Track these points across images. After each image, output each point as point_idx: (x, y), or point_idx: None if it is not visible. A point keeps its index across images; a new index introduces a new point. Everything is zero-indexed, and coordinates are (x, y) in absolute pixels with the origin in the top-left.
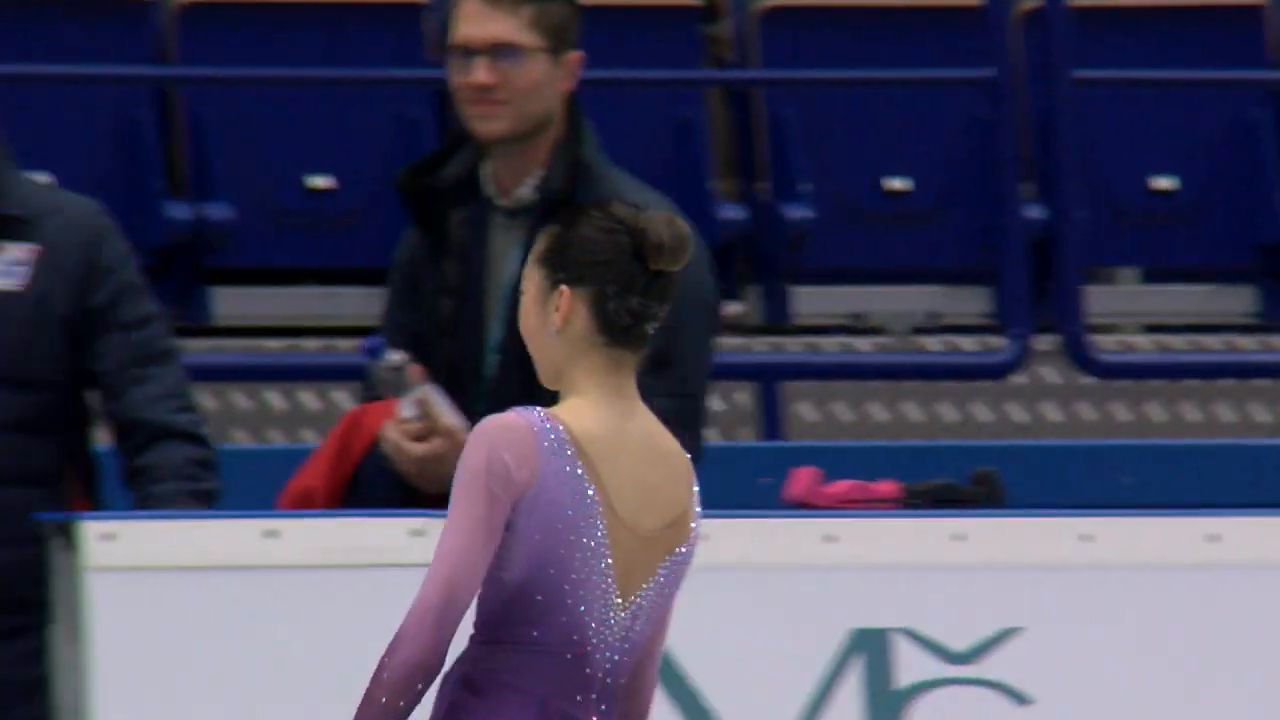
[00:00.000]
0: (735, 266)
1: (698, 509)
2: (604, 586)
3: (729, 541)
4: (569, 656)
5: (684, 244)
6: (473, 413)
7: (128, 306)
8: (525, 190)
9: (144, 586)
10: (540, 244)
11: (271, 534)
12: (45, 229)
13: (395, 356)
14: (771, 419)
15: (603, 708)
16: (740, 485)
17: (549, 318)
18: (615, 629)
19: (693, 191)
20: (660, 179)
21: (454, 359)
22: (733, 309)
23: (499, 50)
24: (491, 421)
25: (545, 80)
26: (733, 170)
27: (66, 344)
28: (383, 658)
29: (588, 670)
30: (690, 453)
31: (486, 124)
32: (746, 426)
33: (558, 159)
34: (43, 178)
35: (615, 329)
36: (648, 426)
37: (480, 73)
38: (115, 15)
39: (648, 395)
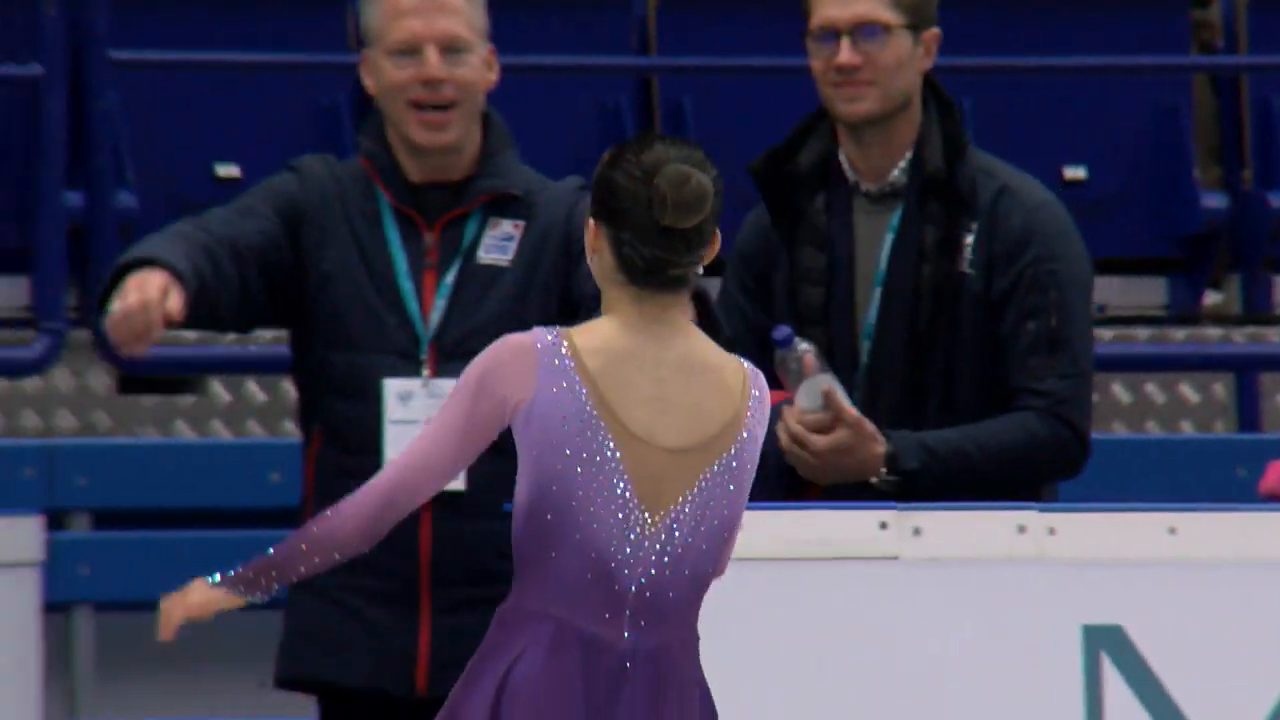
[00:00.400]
0: (1216, 256)
1: (750, 423)
2: (621, 502)
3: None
4: (589, 576)
5: (692, 203)
6: (849, 399)
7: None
8: (896, 173)
9: None
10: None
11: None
12: (535, 206)
13: (804, 345)
14: (1249, 411)
15: (641, 623)
16: (1216, 477)
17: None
18: (647, 545)
19: (1175, 179)
20: (1142, 165)
21: (825, 346)
22: (1211, 299)
23: (862, 29)
24: (503, 339)
25: (908, 58)
26: (1215, 158)
27: (555, 316)
28: (326, 512)
29: (616, 588)
30: (1077, 432)
31: (852, 105)
32: (1223, 418)
33: (929, 138)
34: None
35: (632, 270)
36: (685, 350)
37: (844, 53)
38: None
39: (1040, 376)
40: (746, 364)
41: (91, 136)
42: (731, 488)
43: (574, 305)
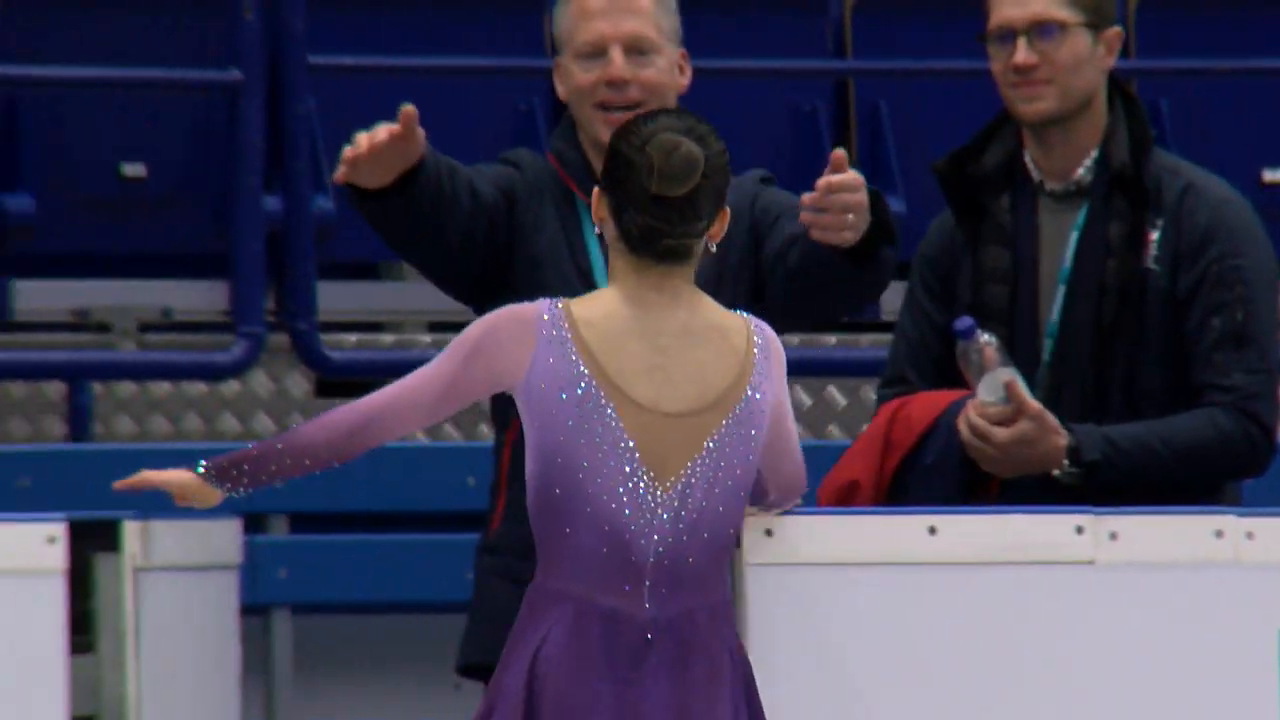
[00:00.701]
0: None
1: (755, 380)
2: (629, 472)
3: None
4: (604, 549)
5: (680, 171)
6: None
7: None
8: (1081, 170)
9: (802, 582)
10: None
11: (932, 530)
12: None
13: (985, 337)
14: None
15: (662, 591)
16: None
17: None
18: (660, 512)
19: None
20: None
21: (1006, 345)
22: None
23: (1039, 28)
24: (507, 307)
25: (1087, 56)
26: None
27: (746, 304)
28: (310, 423)
29: (633, 559)
30: (1265, 429)
31: (1031, 105)
32: None
33: (1116, 136)
34: None
35: (630, 240)
36: (687, 316)
37: (1021, 53)
38: None
39: (1226, 372)
40: (753, 321)
41: (289, 141)
42: (742, 448)
43: (763, 285)
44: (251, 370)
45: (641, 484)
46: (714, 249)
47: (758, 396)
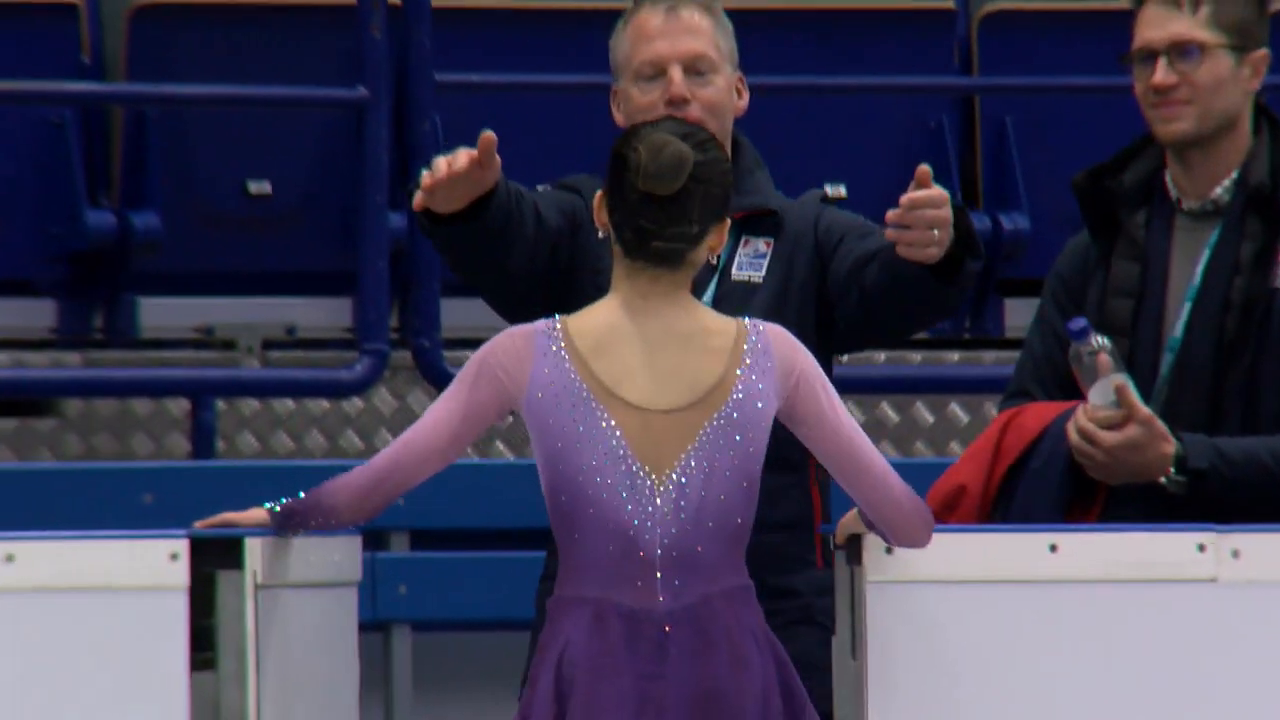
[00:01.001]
0: None
1: (746, 381)
2: (625, 469)
3: None
4: (611, 548)
5: (667, 169)
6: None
7: None
8: (1218, 191)
9: (921, 600)
10: None
11: (1052, 548)
12: (784, 223)
13: (1098, 340)
14: None
15: (675, 583)
16: None
17: None
18: (660, 505)
19: None
20: None
21: (1127, 360)
22: None
23: (1178, 49)
24: (505, 330)
25: (1228, 78)
26: None
27: (812, 326)
28: (334, 481)
29: (641, 554)
30: None
31: (1169, 125)
32: None
33: (1256, 159)
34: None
35: (623, 241)
36: (674, 318)
37: (1159, 73)
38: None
39: None
40: (750, 323)
41: (415, 158)
42: (738, 438)
43: (830, 305)
44: (375, 387)
45: (638, 479)
46: (715, 261)
47: (755, 393)
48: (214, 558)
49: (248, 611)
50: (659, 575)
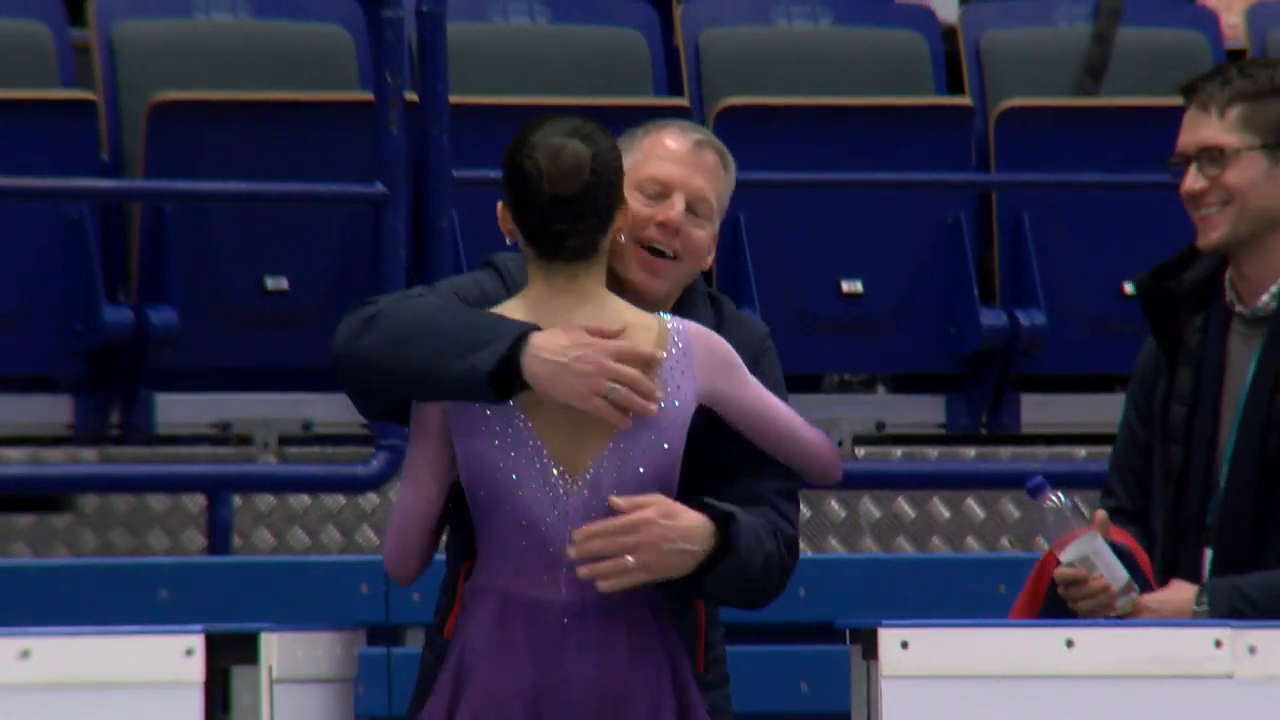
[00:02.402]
0: None
1: (665, 372)
2: (540, 469)
3: None
4: (524, 543)
5: (568, 171)
6: (1202, 524)
7: None
8: (1266, 297)
9: (938, 695)
10: None
11: (1069, 643)
12: None
13: (1056, 498)
14: None
15: (578, 581)
16: None
17: None
18: (572, 505)
19: None
20: None
21: (1184, 467)
22: None
23: (1207, 155)
24: None
25: (1261, 179)
26: None
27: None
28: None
29: (550, 550)
30: None
31: (1206, 235)
32: None
33: None
34: None
35: (538, 245)
36: (592, 315)
37: (1189, 180)
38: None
39: None
40: (673, 322)
41: (432, 254)
42: (653, 437)
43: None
44: (390, 483)
45: (552, 478)
46: (622, 239)
47: (672, 402)
48: (229, 653)
49: (263, 706)
50: (564, 571)
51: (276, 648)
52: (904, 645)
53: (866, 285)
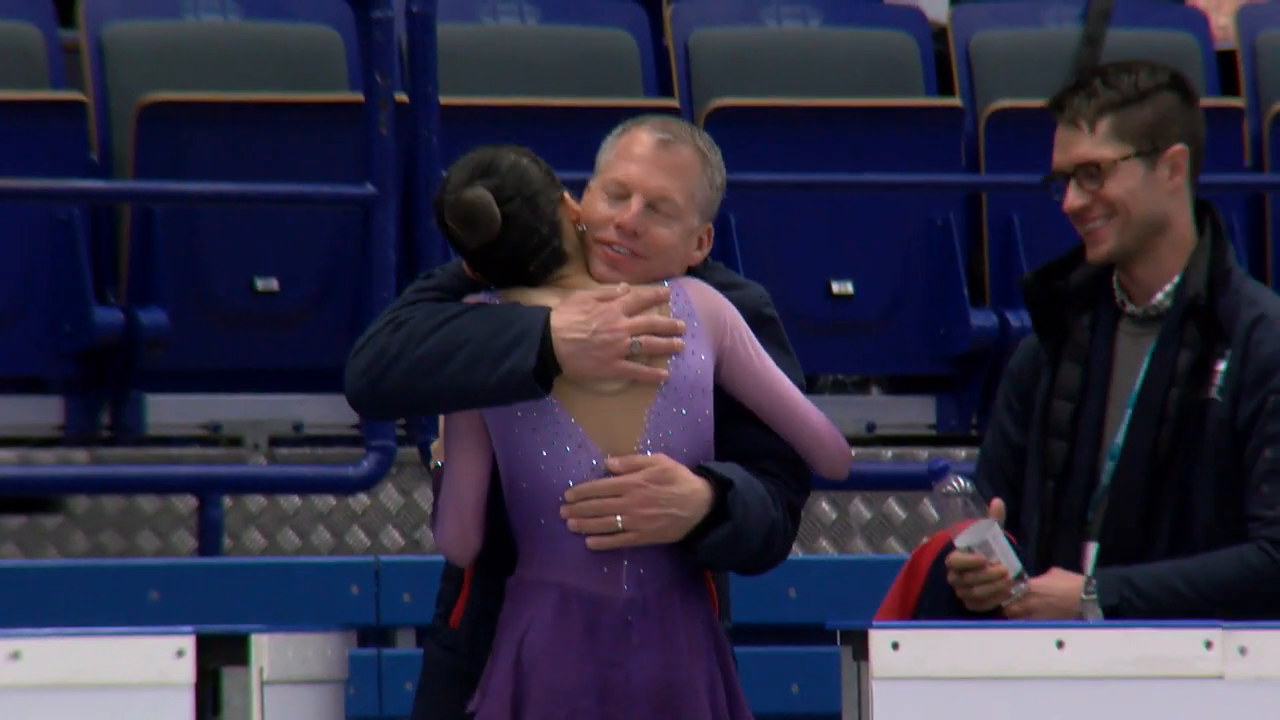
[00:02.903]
0: None
1: (690, 343)
2: (582, 454)
3: None
4: (579, 538)
5: (479, 224)
6: (1084, 519)
7: None
8: (1159, 297)
9: (929, 696)
10: None
11: (1059, 644)
12: None
13: (957, 483)
14: None
15: (640, 571)
16: None
17: None
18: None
19: None
20: None
21: (1067, 463)
22: None
23: (1083, 171)
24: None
25: (1140, 186)
26: None
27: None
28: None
29: None
30: None
31: (1094, 249)
32: None
33: (1195, 266)
34: None
35: (504, 284)
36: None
37: (1069, 197)
38: None
39: (1271, 504)
40: (670, 284)
41: (422, 255)
42: (684, 411)
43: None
44: (381, 484)
45: (600, 466)
46: (583, 227)
47: (690, 356)
48: (220, 654)
49: (253, 707)
50: (625, 563)
51: (267, 649)
52: (895, 646)
53: (857, 286)
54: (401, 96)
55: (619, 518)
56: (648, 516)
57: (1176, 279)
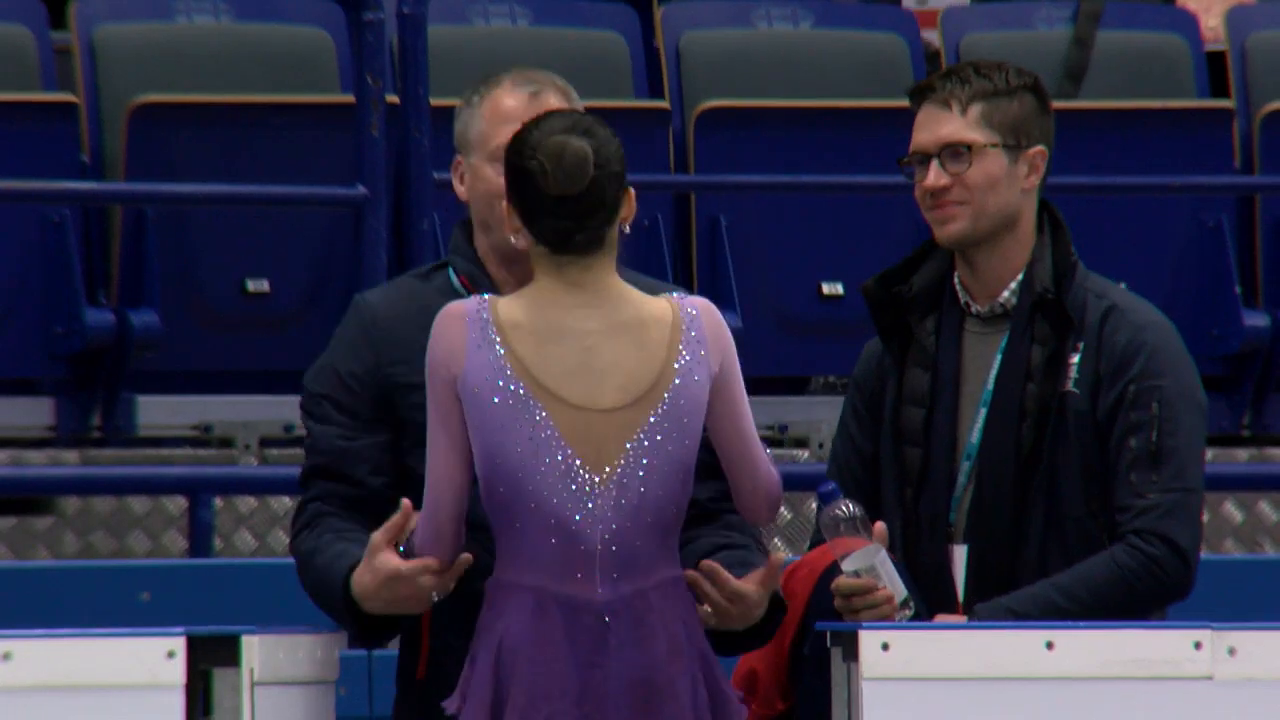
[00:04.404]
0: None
1: (684, 367)
2: (565, 468)
3: None
4: (553, 541)
5: (571, 170)
6: (946, 522)
7: None
8: (1005, 295)
9: (919, 697)
10: None
11: (1049, 645)
12: None
13: (847, 507)
14: None
15: (614, 576)
16: None
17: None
18: (601, 502)
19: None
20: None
21: (922, 469)
22: None
23: (950, 151)
24: (443, 310)
25: (1002, 177)
26: None
27: None
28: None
29: (582, 547)
30: (1177, 549)
31: (944, 227)
32: None
33: (1039, 261)
34: None
35: (548, 242)
36: (610, 310)
37: (932, 175)
38: None
39: (1141, 492)
40: (685, 304)
41: (413, 256)
42: (676, 432)
43: None
44: None
45: (579, 477)
46: (627, 230)
47: (693, 379)
48: (211, 655)
49: (244, 709)
50: (599, 568)
51: (258, 650)
52: (885, 647)
53: (847, 287)
54: (392, 98)
55: (708, 608)
56: (734, 617)
57: (1021, 275)
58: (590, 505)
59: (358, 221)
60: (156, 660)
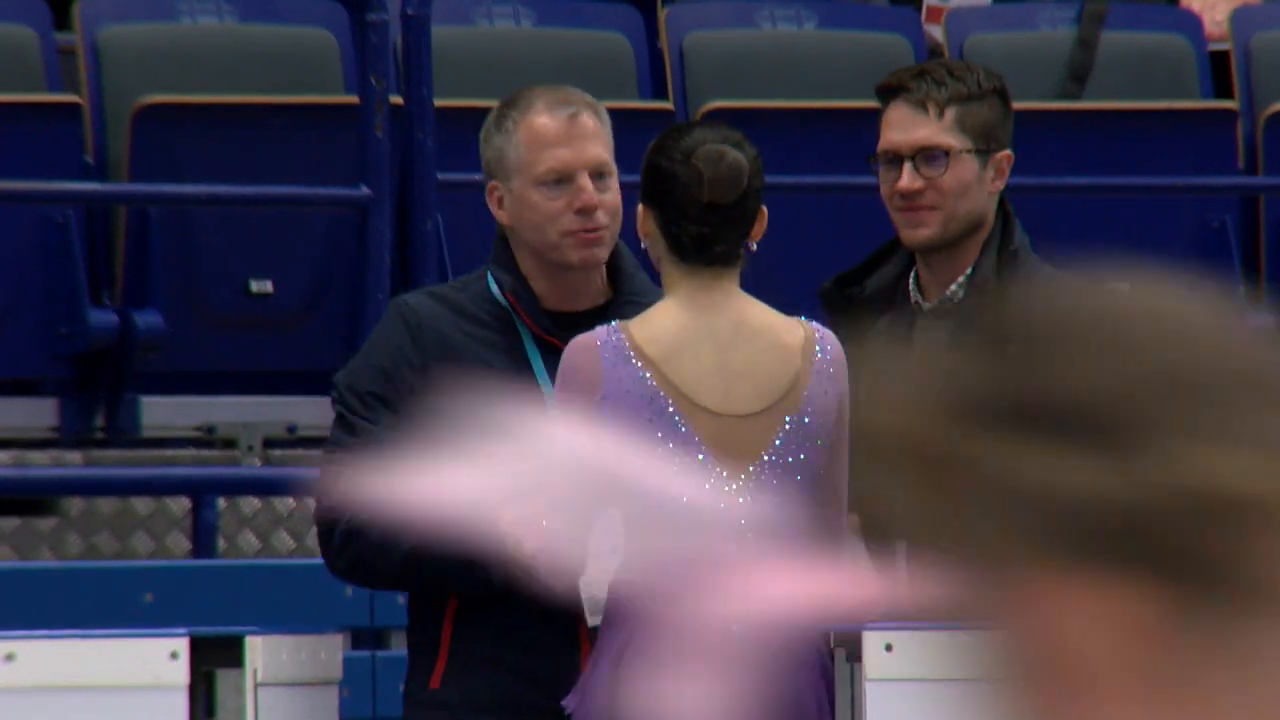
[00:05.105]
0: None
1: (812, 380)
2: (705, 470)
3: None
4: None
5: (728, 179)
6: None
7: None
8: (954, 287)
9: (922, 698)
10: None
11: None
12: None
13: None
14: None
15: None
16: None
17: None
18: (735, 505)
19: None
20: None
21: None
22: None
23: (924, 154)
24: (571, 343)
25: (973, 182)
26: None
27: None
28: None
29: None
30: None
31: (915, 231)
32: None
33: (986, 253)
34: None
35: (682, 250)
36: (740, 317)
37: (905, 178)
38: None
39: None
40: (814, 326)
41: (418, 257)
42: (818, 442)
43: None
44: None
45: (719, 484)
46: (754, 248)
47: (819, 395)
48: (214, 656)
49: (248, 709)
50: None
51: (261, 651)
52: (888, 648)
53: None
54: (396, 99)
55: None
56: None
57: (970, 269)
58: (726, 507)
59: (362, 222)
60: (160, 661)
